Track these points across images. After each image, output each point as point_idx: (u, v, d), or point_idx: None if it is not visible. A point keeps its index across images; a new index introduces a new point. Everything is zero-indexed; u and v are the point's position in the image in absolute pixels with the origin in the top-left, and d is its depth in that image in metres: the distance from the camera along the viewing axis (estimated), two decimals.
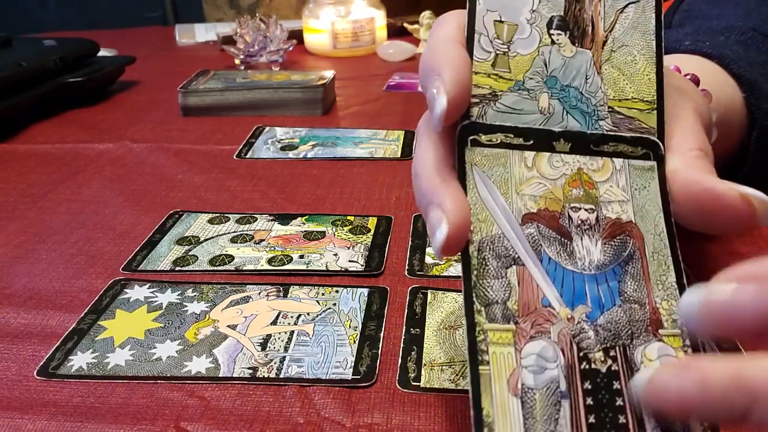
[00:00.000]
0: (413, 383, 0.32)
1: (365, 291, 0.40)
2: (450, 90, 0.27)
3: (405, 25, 1.02)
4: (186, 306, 0.39)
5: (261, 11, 1.48)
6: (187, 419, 0.30)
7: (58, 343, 0.36)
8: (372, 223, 0.48)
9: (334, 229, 0.47)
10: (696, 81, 0.37)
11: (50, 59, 0.74)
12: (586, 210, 0.28)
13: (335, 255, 0.43)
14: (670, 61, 0.40)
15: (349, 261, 0.43)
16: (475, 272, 0.26)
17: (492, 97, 0.29)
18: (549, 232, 0.27)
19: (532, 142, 0.29)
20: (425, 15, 0.97)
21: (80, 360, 0.34)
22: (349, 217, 0.49)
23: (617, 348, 0.25)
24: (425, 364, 0.33)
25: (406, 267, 0.42)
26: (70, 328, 0.37)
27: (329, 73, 0.76)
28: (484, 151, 0.28)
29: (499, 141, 0.29)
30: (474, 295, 0.26)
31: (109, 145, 0.64)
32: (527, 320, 0.25)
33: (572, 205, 0.28)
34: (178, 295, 0.40)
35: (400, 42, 0.97)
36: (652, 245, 0.27)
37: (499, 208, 0.27)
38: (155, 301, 0.39)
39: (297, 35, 0.99)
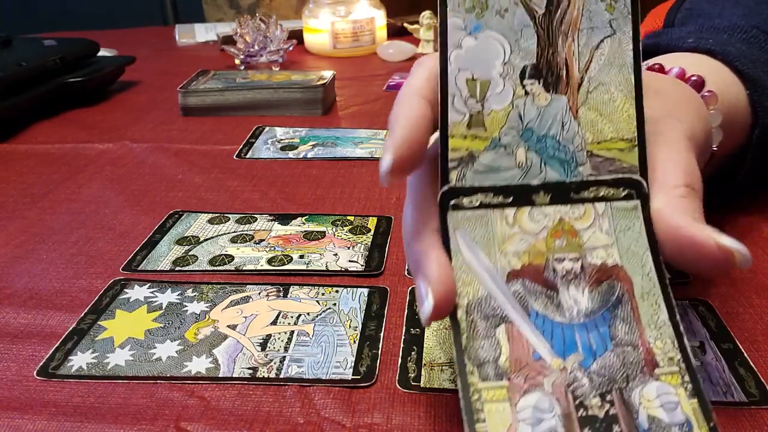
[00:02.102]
0: (413, 383, 0.32)
1: (365, 291, 0.40)
2: (395, 151, 0.27)
3: (405, 25, 1.02)
4: (186, 306, 0.39)
5: (261, 11, 1.48)
6: (187, 419, 0.30)
7: (58, 343, 0.36)
8: (372, 223, 0.48)
9: (334, 229, 0.47)
10: (701, 82, 0.37)
11: (50, 59, 0.74)
12: (570, 260, 0.28)
13: (335, 255, 0.43)
14: (674, 61, 0.39)
15: (349, 261, 0.43)
16: (465, 335, 0.27)
17: (470, 159, 0.29)
18: (535, 287, 0.28)
19: (511, 198, 0.29)
20: (425, 15, 0.97)
21: (80, 360, 0.34)
22: (349, 217, 0.49)
23: (613, 392, 0.25)
24: (425, 364, 0.33)
25: (406, 267, 0.42)
26: (70, 329, 0.37)
27: (329, 73, 0.76)
28: (466, 214, 0.29)
29: (479, 202, 0.29)
30: (466, 356, 0.26)
31: (109, 145, 0.64)
32: (520, 375, 0.26)
33: (556, 256, 0.28)
34: (178, 295, 0.40)
35: (400, 42, 0.97)
36: (641, 286, 0.27)
37: (484, 269, 0.28)
38: (155, 301, 0.39)
39: (297, 35, 0.99)
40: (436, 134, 0.30)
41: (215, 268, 0.42)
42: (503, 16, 0.29)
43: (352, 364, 0.33)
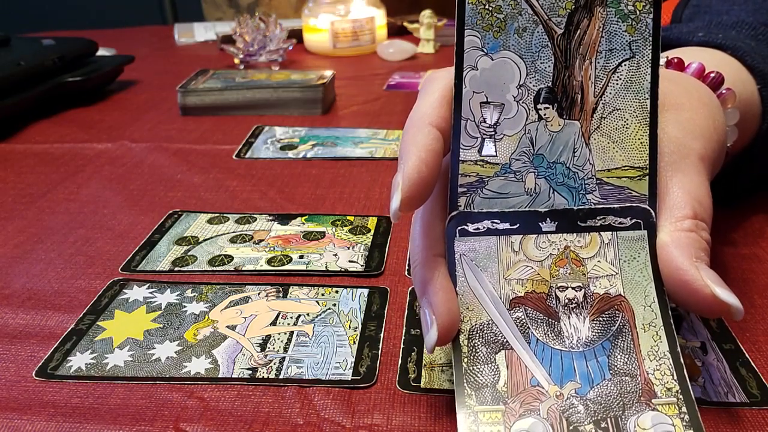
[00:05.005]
0: (413, 384, 0.32)
1: (365, 291, 0.39)
2: (404, 191, 0.28)
3: (405, 24, 1.02)
4: (185, 306, 0.38)
5: (260, 10, 1.48)
6: (186, 420, 0.30)
7: (57, 343, 0.36)
8: (372, 223, 0.48)
9: (333, 229, 0.47)
10: (721, 80, 0.37)
11: (49, 58, 0.74)
12: (573, 288, 0.28)
13: (335, 255, 0.43)
14: (693, 56, 0.39)
15: (349, 261, 0.43)
16: (465, 359, 0.27)
17: (479, 184, 0.29)
18: (536, 315, 0.28)
19: (518, 225, 0.29)
20: (425, 14, 0.97)
21: (79, 361, 0.34)
22: (349, 217, 0.48)
23: (608, 419, 0.26)
24: (425, 365, 0.33)
25: (407, 267, 0.42)
26: (69, 329, 0.37)
27: (329, 73, 0.76)
28: (472, 240, 0.29)
29: (486, 228, 0.29)
30: (465, 380, 0.27)
31: (107, 144, 0.64)
32: (516, 400, 0.26)
33: (559, 284, 0.28)
34: (177, 295, 0.40)
35: (400, 41, 0.97)
36: (643, 317, 0.28)
37: (488, 295, 0.28)
38: (154, 302, 0.39)
39: (296, 34, 0.98)
40: (447, 156, 0.30)
41: (214, 269, 0.42)
42: (521, 35, 0.29)
43: (352, 365, 0.33)
